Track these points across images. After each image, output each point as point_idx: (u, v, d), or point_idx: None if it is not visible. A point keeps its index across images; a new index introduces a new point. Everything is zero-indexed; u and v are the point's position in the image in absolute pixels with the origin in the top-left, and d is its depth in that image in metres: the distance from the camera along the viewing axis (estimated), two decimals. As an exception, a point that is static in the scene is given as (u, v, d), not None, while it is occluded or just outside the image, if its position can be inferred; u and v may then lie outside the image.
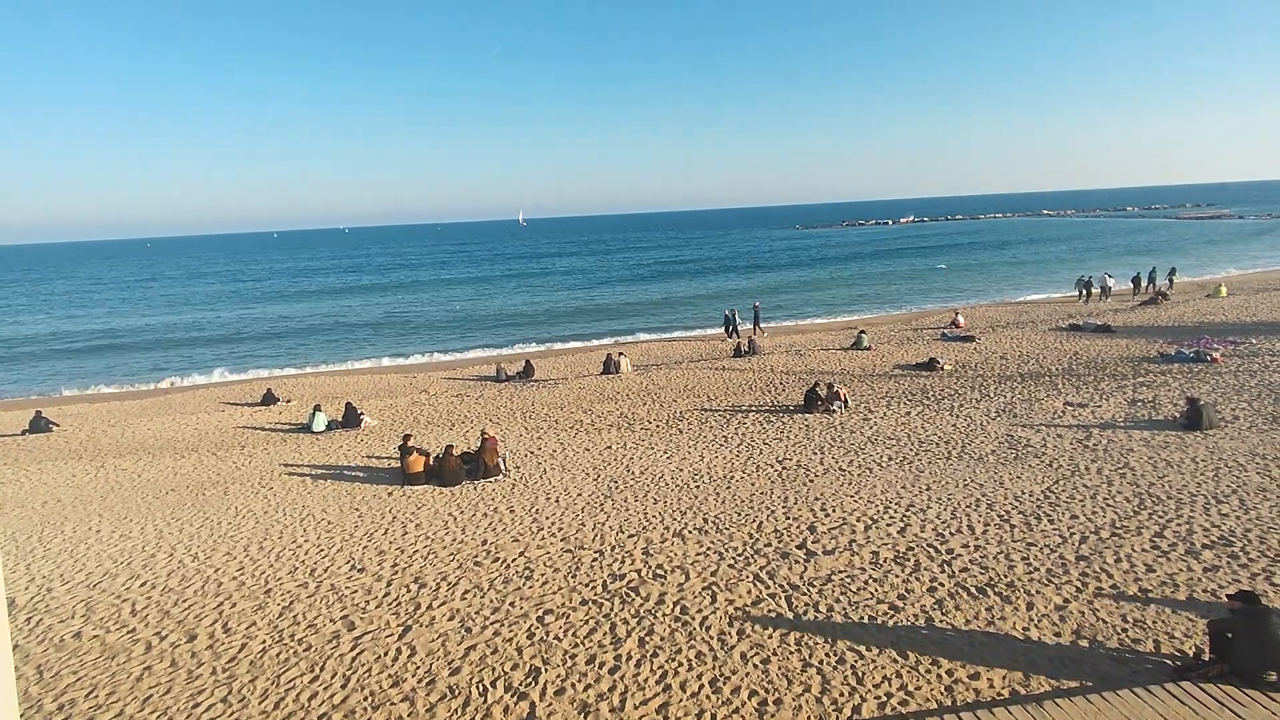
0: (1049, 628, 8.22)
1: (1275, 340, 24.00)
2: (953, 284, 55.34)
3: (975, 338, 28.96)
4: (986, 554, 10.21)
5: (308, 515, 13.60)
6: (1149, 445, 14.60)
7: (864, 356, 27.10)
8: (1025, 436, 15.78)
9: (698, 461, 15.65)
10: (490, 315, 51.25)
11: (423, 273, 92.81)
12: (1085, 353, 24.66)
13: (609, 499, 13.55)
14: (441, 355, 36.46)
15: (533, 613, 9.29)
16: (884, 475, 13.95)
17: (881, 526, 11.41)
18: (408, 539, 12.13)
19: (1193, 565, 9.49)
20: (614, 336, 38.99)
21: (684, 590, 9.67)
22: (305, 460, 17.69)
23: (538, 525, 12.40)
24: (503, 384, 26.41)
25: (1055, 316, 33.85)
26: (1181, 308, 33.31)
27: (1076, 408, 17.81)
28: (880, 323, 37.83)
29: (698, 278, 71.34)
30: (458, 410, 22.46)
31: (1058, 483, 12.86)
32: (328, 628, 9.22)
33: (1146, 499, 11.82)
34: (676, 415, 20.05)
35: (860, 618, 8.70)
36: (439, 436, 18.90)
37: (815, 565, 10.18)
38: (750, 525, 11.82)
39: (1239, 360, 21.62)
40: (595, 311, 50.83)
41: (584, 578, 10.24)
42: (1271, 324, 27.15)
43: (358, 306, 59.51)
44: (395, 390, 26.52)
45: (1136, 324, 29.80)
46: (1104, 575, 9.36)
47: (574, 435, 18.56)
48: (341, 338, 43.85)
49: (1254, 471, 12.70)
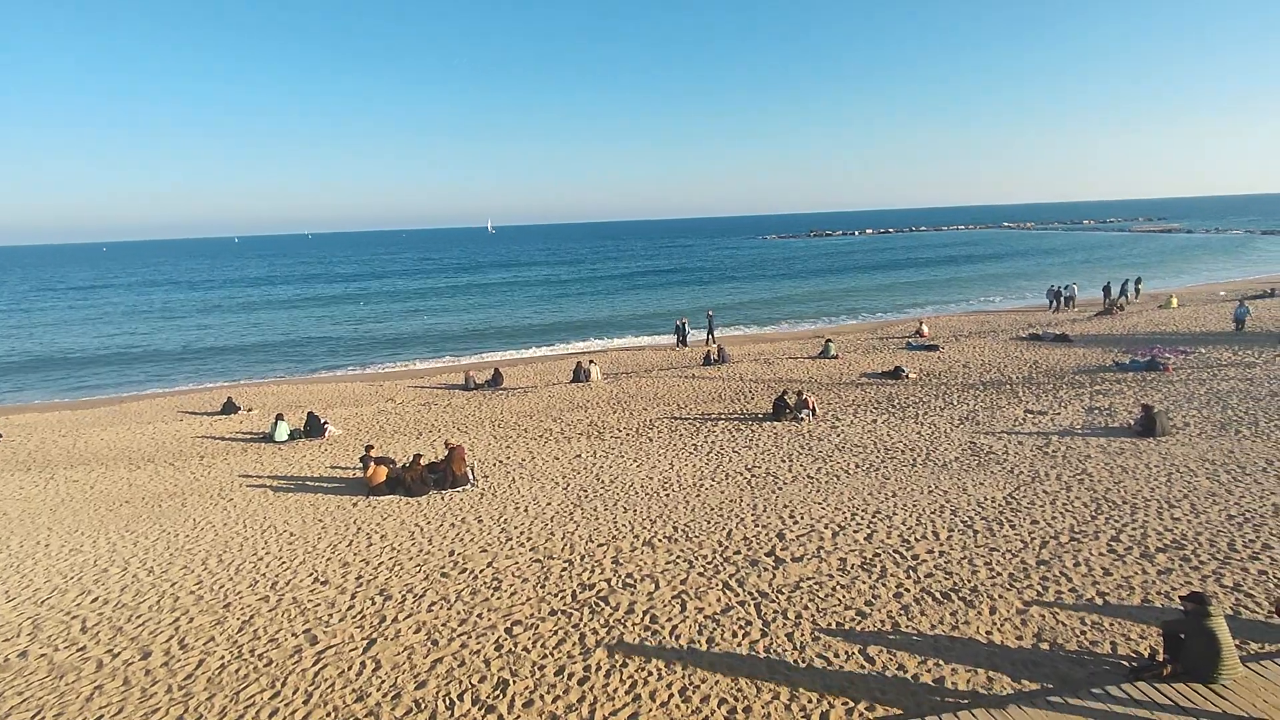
0: (1011, 631, 8.38)
1: (1223, 350, 24.91)
2: (918, 294, 56.41)
3: (939, 347, 29.52)
4: (950, 559, 10.38)
5: (269, 527, 13.28)
6: (1105, 452, 15.00)
7: (831, 365, 27.44)
8: (987, 443, 16.11)
9: (667, 469, 15.66)
10: (458, 323, 50.71)
11: (388, 281, 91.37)
12: (1045, 361, 25.30)
13: (578, 508, 13.48)
14: (408, 364, 35.99)
15: (501, 624, 9.19)
16: (851, 482, 14.11)
17: (849, 533, 11.54)
18: (372, 550, 11.91)
19: (1147, 568, 9.76)
20: (584, 344, 38.93)
21: (654, 599, 9.65)
22: (267, 471, 17.28)
23: (506, 535, 12.28)
24: (471, 392, 26.16)
25: (1016, 326, 34.69)
26: (1135, 318, 34.39)
27: (1036, 415, 18.25)
28: (847, 331, 38.37)
29: (668, 287, 71.60)
30: (425, 419, 22.18)
31: (1019, 489, 13.14)
32: (289, 642, 8.99)
33: (1103, 504, 12.13)
34: (646, 423, 20.06)
35: (828, 624, 8.77)
36: (405, 446, 18.63)
37: (784, 572, 10.24)
38: (720, 533, 11.85)
39: (1189, 369, 22.37)
40: (565, 320, 50.67)
41: (553, 588, 10.16)
42: (1219, 334, 28.17)
43: (321, 314, 58.45)
44: (360, 399, 26.09)
45: (1093, 333, 30.67)
46: (1063, 579, 9.58)
47: (543, 444, 18.45)
48: (305, 346, 42.94)
49: (1204, 476, 13.14)
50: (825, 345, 29.88)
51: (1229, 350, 24.73)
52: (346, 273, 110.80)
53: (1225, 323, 29.90)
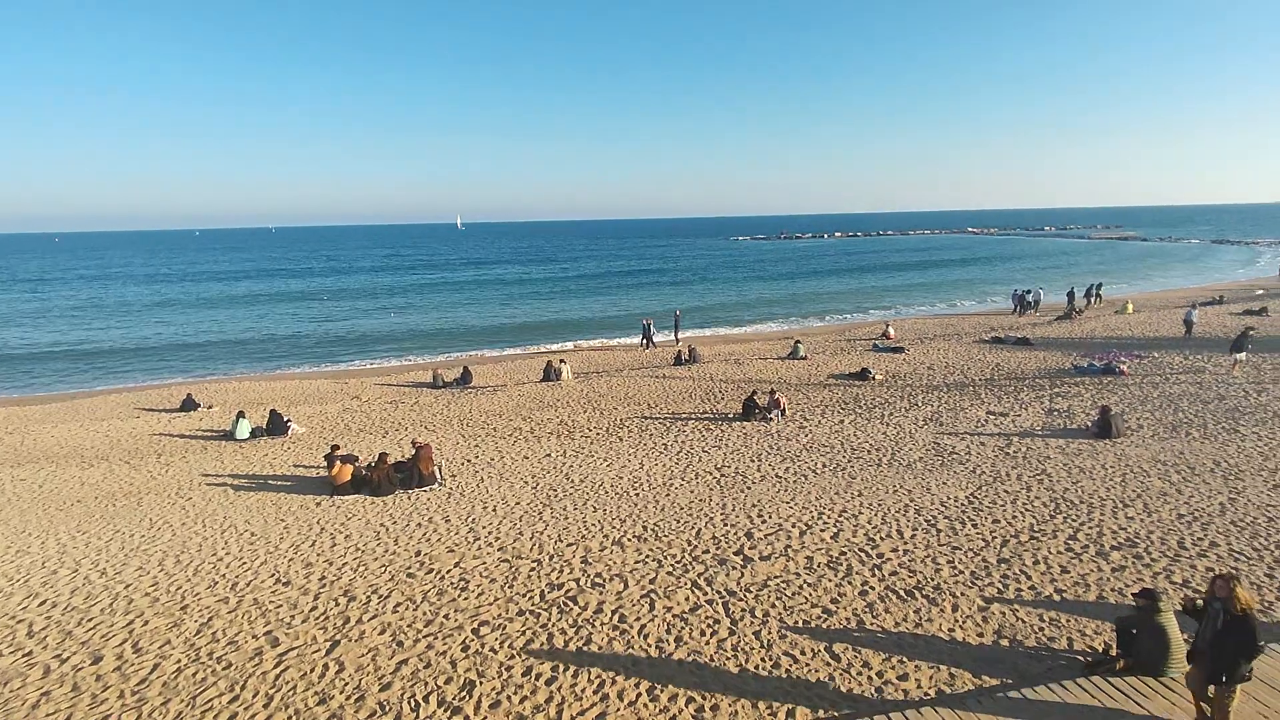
0: (973, 628, 8.56)
1: (1175, 355, 25.75)
2: (884, 297, 57.29)
3: (905, 349, 30.02)
4: (914, 558, 10.56)
5: (229, 527, 12.97)
6: (1064, 452, 15.40)
7: (800, 366, 27.73)
8: (951, 444, 16.43)
9: (637, 469, 15.67)
10: (427, 321, 50.04)
11: (355, 277, 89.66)
12: (1006, 364, 25.89)
13: (548, 507, 13.41)
14: (375, 362, 35.43)
15: (468, 625, 9.10)
16: (818, 482, 14.27)
17: (816, 532, 11.67)
18: (336, 551, 11.70)
19: (1102, 566, 10.04)
20: (555, 343, 38.73)
21: (622, 599, 9.65)
22: (227, 469, 16.88)
23: (474, 535, 12.16)
24: (439, 391, 25.86)
25: (979, 329, 35.43)
26: (1093, 323, 35.36)
27: (998, 417, 18.66)
28: (816, 333, 38.80)
29: (640, 287, 71.60)
30: (391, 418, 21.86)
31: (981, 488, 13.43)
32: (249, 644, 8.79)
33: (1062, 503, 12.46)
34: (617, 423, 20.04)
35: (795, 622, 8.86)
36: (371, 444, 18.35)
37: (752, 571, 10.32)
38: (689, 532, 11.89)
39: (1144, 373, 23.09)
40: (536, 319, 50.34)
41: (521, 588, 10.09)
42: (1172, 339, 29.12)
43: (285, 310, 57.19)
44: (325, 396, 25.62)
45: (1053, 337, 31.47)
46: (1023, 577, 9.81)
47: (512, 443, 18.32)
48: (268, 343, 41.93)
49: (1156, 477, 13.57)
50: (794, 346, 30.18)
51: (1180, 355, 25.57)
52: (311, 268, 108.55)
53: (1177, 328, 30.92)
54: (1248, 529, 11.00)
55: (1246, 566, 9.80)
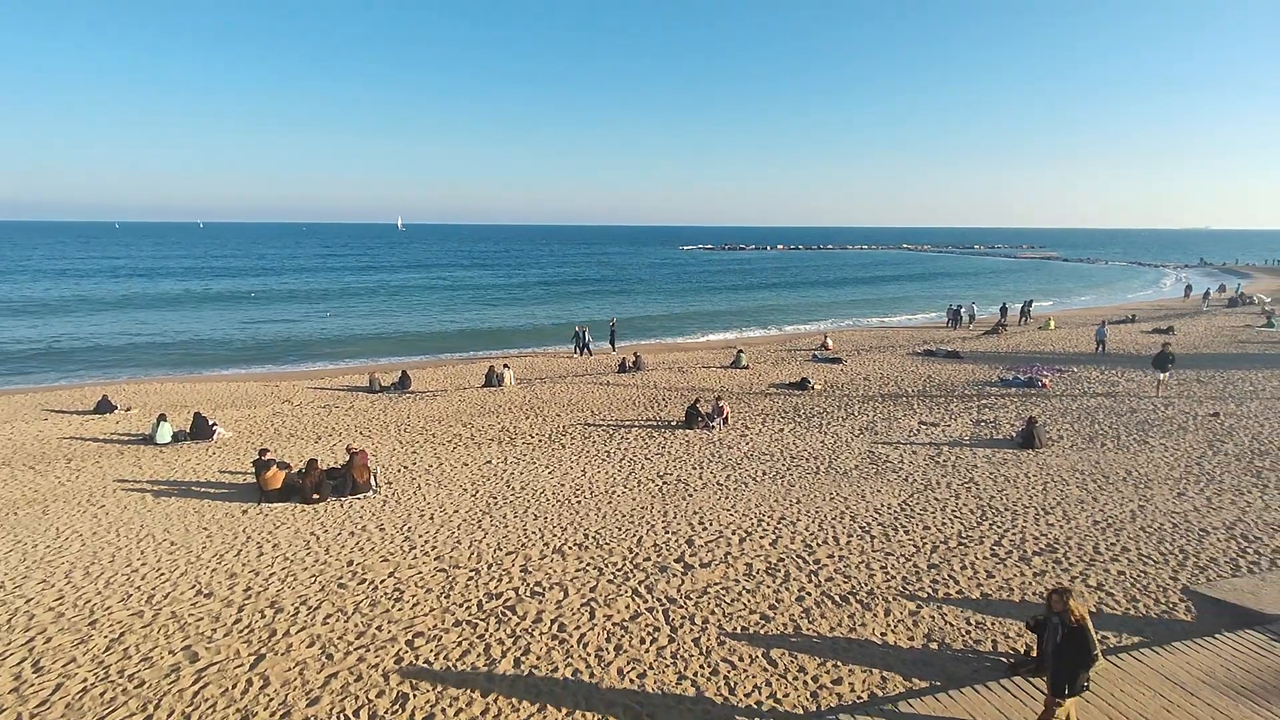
0: (904, 632, 8.80)
1: (1092, 369, 27.21)
2: (824, 308, 58.74)
3: (843, 360, 30.82)
4: (849, 563, 10.82)
5: (146, 536, 12.28)
6: (990, 461, 16.06)
7: (742, 375, 28.12)
8: (885, 453, 16.92)
9: (580, 476, 15.57)
10: (364, 323, 48.64)
11: (287, 277, 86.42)
12: (937, 376, 26.86)
13: (487, 515, 13.19)
14: (308, 364, 34.23)
15: (401, 636, 8.84)
16: (758, 489, 14.48)
17: (755, 539, 11.82)
18: (263, 560, 11.22)
19: (1025, 571, 10.49)
20: (497, 349, 38.17)
21: (562, 607, 9.55)
22: (146, 475, 15.99)
23: (410, 544, 11.85)
24: (376, 395, 25.16)
25: (913, 342, 36.67)
26: (1018, 338, 37.07)
27: (929, 426, 19.33)
28: (758, 343, 39.44)
29: (586, 296, 71.46)
30: (325, 422, 21.14)
31: (913, 496, 13.87)
32: (165, 660, 8.32)
33: (988, 510, 12.97)
34: (560, 429, 19.89)
35: (733, 629, 8.94)
36: (303, 450, 17.69)
37: (692, 578, 10.37)
38: (630, 540, 11.88)
39: (1064, 386, 24.30)
40: (478, 323, 49.60)
41: (458, 597, 9.88)
42: (1089, 355, 30.77)
43: (213, 310, 54.72)
44: (254, 400, 24.60)
45: (981, 351, 32.83)
46: (951, 582, 10.16)
47: (452, 449, 17.96)
48: (192, 343, 39.92)
49: (1075, 485, 14.28)
50: (737, 356, 30.61)
51: (1097, 370, 27.04)
52: (242, 266, 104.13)
53: (1094, 344, 32.66)
54: (1155, 534, 11.68)
55: (1153, 570, 10.39)
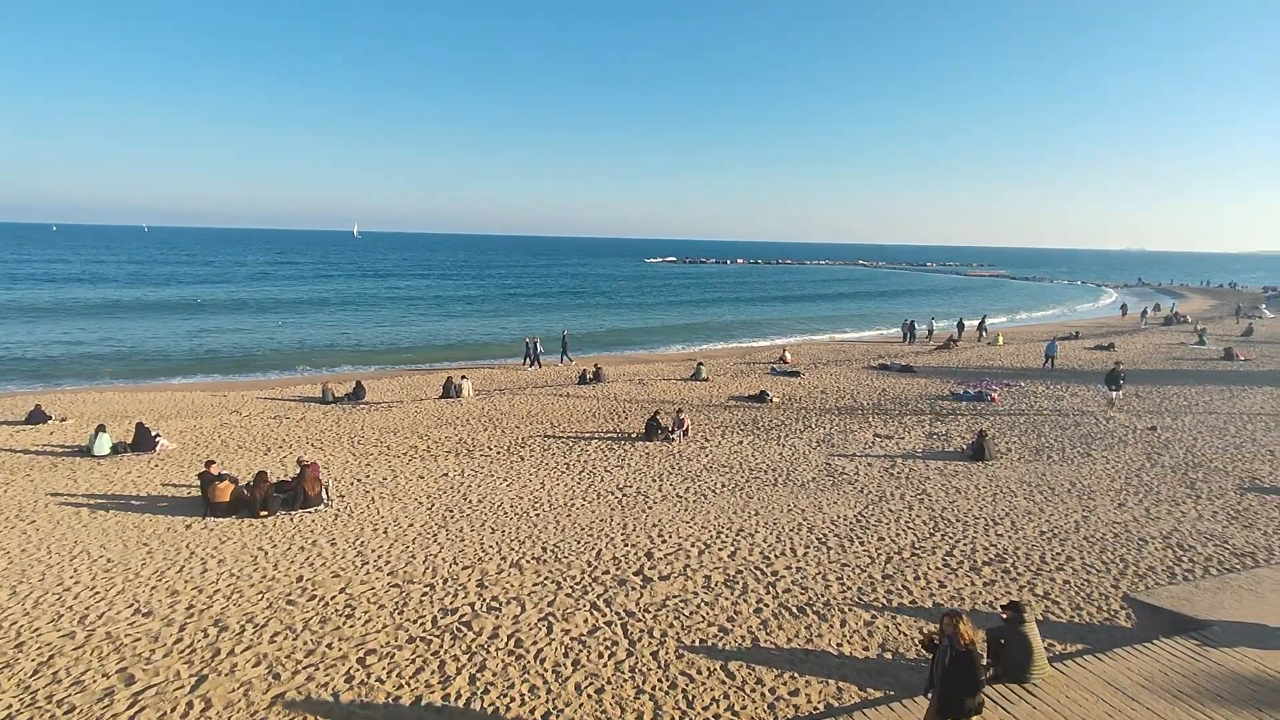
0: (859, 643, 8.92)
1: (1038, 384, 28.14)
2: (783, 322, 59.59)
3: (800, 373, 31.27)
4: (806, 575, 10.93)
5: (81, 553, 11.72)
6: (942, 474, 16.44)
7: (702, 387, 28.30)
8: (841, 465, 17.19)
9: (538, 489, 15.43)
10: (317, 332, 47.48)
11: (239, 285, 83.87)
12: (892, 390, 27.44)
13: (443, 529, 12.96)
14: (259, 374, 33.26)
15: (353, 654, 8.61)
16: (717, 501, 14.55)
17: (714, 551, 11.86)
18: (208, 577, 10.81)
19: (975, 580, 10.75)
20: (456, 360, 37.65)
21: (519, 622, 9.42)
22: (82, 489, 15.28)
23: (362, 559, 11.57)
24: (329, 406, 24.57)
25: (868, 356, 37.43)
26: (968, 353, 38.14)
27: (884, 439, 19.71)
28: (718, 355, 39.76)
29: (546, 305, 71.25)
30: (275, 434, 20.54)
31: (868, 507, 14.10)
32: (99, 684, 7.94)
33: (940, 521, 13.27)
34: (519, 441, 19.70)
35: (692, 641, 8.93)
36: (251, 462, 17.13)
37: (651, 591, 10.35)
38: (589, 553, 11.80)
39: (1012, 400, 25.06)
40: (436, 333, 48.92)
41: (412, 614, 9.67)
42: (1036, 370, 31.83)
43: (158, 317, 52.78)
44: (200, 410, 23.78)
45: (933, 365, 33.68)
46: (905, 592, 10.34)
47: (407, 462, 17.63)
48: (135, 352, 38.33)
49: (1022, 497, 14.71)
50: (697, 368, 30.79)
51: (1043, 385, 27.97)
52: (190, 272, 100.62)
53: (1041, 359, 33.80)
54: (1098, 544, 12.09)
55: (1096, 578, 10.75)
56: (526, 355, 34.48)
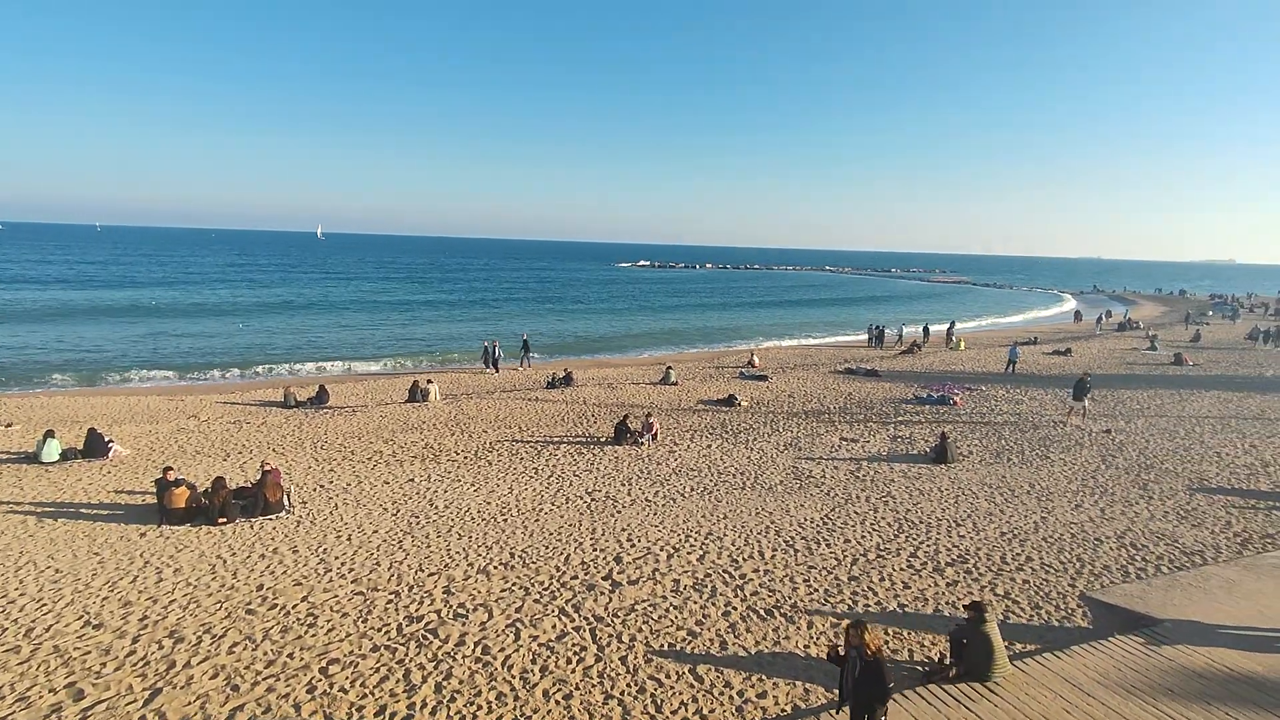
0: (826, 644, 9.00)
1: (998, 388, 28.80)
2: (751, 326, 60.08)
3: (768, 377, 31.52)
4: (774, 577, 11.01)
5: (27, 563, 11.28)
6: (907, 476, 16.72)
7: (671, 391, 28.36)
8: (808, 468, 17.37)
9: (506, 494, 15.30)
10: (279, 335, 46.46)
11: (197, 288, 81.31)
12: (857, 393, 27.83)
13: (409, 535, 12.77)
14: (218, 378, 32.43)
15: (315, 663, 8.42)
16: (686, 505, 14.58)
17: (683, 555, 11.88)
18: (163, 587, 10.49)
19: (938, 581, 10.94)
20: (423, 364, 37.15)
21: (486, 629, 9.32)
22: (29, 497, 14.72)
23: (325, 566, 11.34)
24: (291, 410, 24.06)
25: (834, 360, 37.91)
26: (931, 358, 38.87)
27: (850, 442, 19.98)
28: (687, 359, 39.90)
29: (515, 309, 70.77)
30: (235, 439, 20.04)
31: (834, 510, 14.27)
32: (45, 700, 7.64)
33: (904, 523, 13.48)
34: (486, 446, 19.52)
35: (660, 645, 8.93)
36: (210, 468, 16.70)
37: (620, 596, 10.33)
38: (558, 558, 11.73)
39: (974, 404, 25.61)
40: (402, 337, 48.22)
41: (376, 622, 9.50)
42: (996, 374, 32.56)
43: (111, 319, 51.10)
44: (156, 415, 23.09)
45: (897, 369, 34.25)
46: (870, 593, 10.48)
47: (372, 467, 17.34)
48: (88, 354, 37.14)
49: (983, 499, 15.03)
50: (666, 372, 30.86)
51: (1003, 388, 28.64)
52: (145, 273, 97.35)
53: (1001, 364, 34.59)
54: (1055, 544, 12.41)
55: (1054, 578, 11.02)
56: (485, 359, 34.13)
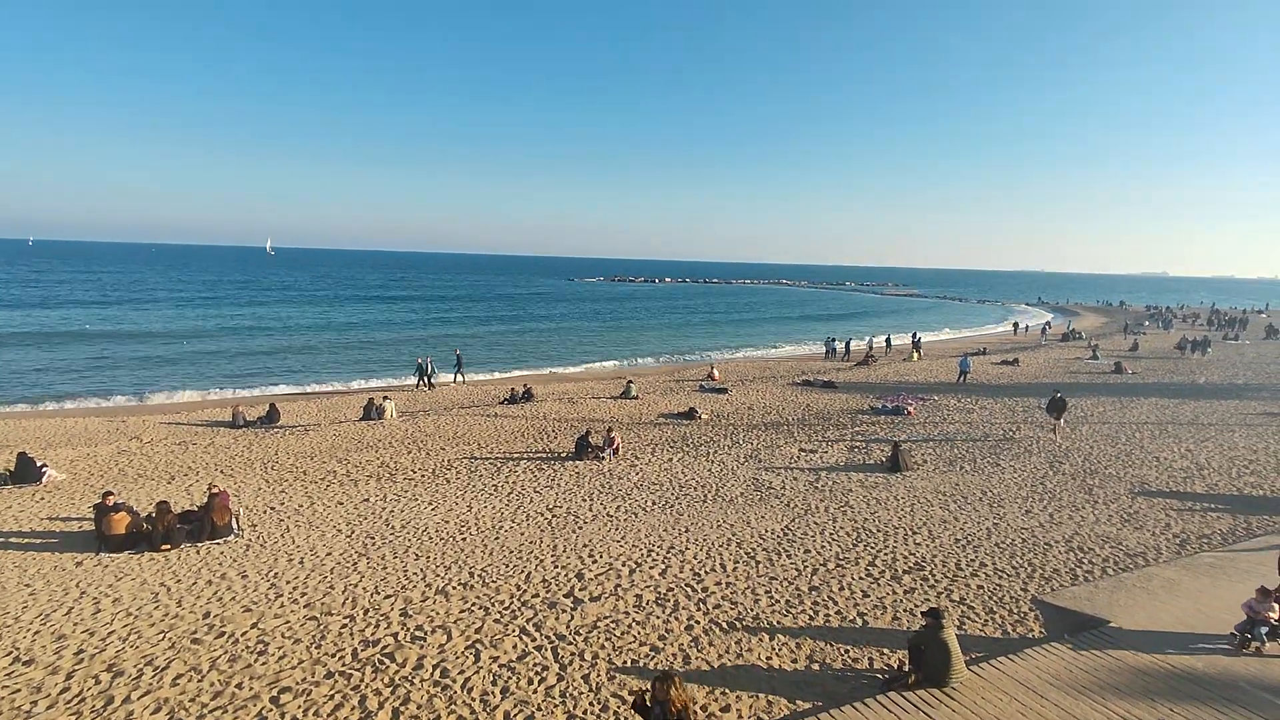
0: (788, 655, 9.05)
1: (950, 398, 29.55)
2: (711, 340, 60.56)
3: (728, 390, 31.79)
4: (736, 590, 11.04)
5: (-49, 597, 10.65)
6: (864, 485, 16.99)
7: (632, 405, 28.36)
8: (768, 479, 17.51)
9: (465, 512, 15.05)
10: (227, 352, 45.03)
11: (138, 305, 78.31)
12: (815, 405, 28.25)
13: (364, 557, 12.44)
14: (162, 397, 31.24)
15: (265, 693, 8.12)
16: (648, 519, 14.55)
17: (645, 569, 11.83)
18: (101, 618, 10.00)
19: (896, 589, 11.11)
20: (378, 380, 36.38)
21: (445, 651, 9.12)
22: (-47, 526, 13.92)
23: (276, 591, 10.96)
24: (239, 430, 23.31)
25: (792, 372, 38.44)
26: (886, 369, 39.72)
27: (808, 453, 20.23)
28: (647, 373, 39.99)
29: (472, 323, 70.03)
30: (180, 461, 19.30)
31: (794, 521, 14.40)
32: (-29, 743, 7.20)
33: (862, 532, 13.68)
34: (444, 464, 19.19)
35: (623, 662, 8.86)
36: (153, 492, 16.01)
37: (582, 613, 10.22)
38: (518, 576, 11.57)
39: (927, 414, 26.21)
40: (356, 352, 47.21)
41: (330, 647, 9.21)
42: (948, 384, 33.43)
43: (44, 336, 48.92)
44: (95, 437, 22.11)
45: (854, 381, 34.88)
46: (830, 603, 10.59)
47: (325, 488, 16.88)
48: (17, 374, 35.45)
49: (938, 506, 15.35)
50: (627, 386, 30.86)
51: (954, 398, 29.39)
52: (79, 289, 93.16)
53: (952, 374, 35.53)
54: (1008, 549, 12.73)
55: (1007, 583, 11.30)
56: (420, 376, 33.45)
